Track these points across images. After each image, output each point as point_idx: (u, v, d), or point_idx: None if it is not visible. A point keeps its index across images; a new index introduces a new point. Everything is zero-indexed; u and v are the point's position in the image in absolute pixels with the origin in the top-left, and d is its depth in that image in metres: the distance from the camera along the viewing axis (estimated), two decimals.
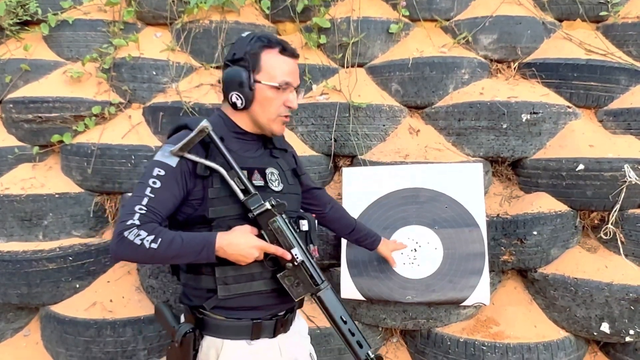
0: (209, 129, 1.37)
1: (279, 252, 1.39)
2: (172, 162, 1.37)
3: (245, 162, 1.46)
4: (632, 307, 2.20)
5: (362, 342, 1.44)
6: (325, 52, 2.86)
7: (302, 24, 2.87)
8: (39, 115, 2.61)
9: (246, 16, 2.85)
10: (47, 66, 2.77)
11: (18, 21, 2.81)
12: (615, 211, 2.36)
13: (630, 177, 2.27)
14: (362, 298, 2.30)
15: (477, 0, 2.89)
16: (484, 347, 2.26)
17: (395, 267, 2.20)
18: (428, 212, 2.30)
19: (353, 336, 1.44)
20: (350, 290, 2.30)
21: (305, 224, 1.52)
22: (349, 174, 2.45)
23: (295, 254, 1.40)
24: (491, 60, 2.81)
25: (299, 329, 1.63)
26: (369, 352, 1.43)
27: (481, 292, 2.22)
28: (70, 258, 2.46)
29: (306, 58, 2.76)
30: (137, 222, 1.29)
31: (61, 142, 2.63)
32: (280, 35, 2.97)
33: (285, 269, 1.41)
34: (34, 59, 2.77)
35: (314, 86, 2.75)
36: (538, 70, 2.68)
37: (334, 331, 1.48)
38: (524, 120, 2.50)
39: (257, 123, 1.49)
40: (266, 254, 1.40)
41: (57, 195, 2.55)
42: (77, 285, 2.51)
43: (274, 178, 1.52)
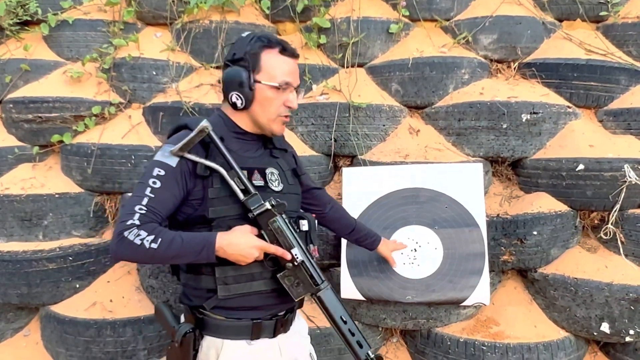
0: (209, 129, 1.37)
1: (278, 252, 1.39)
2: (172, 162, 1.37)
3: (245, 162, 1.46)
4: (632, 307, 2.20)
5: (362, 342, 1.44)
6: (325, 52, 2.86)
7: (302, 24, 2.87)
8: (39, 115, 2.61)
9: (246, 16, 2.85)
10: (47, 66, 2.77)
11: (18, 21, 2.81)
12: (615, 211, 2.36)
13: (630, 177, 2.27)
14: (362, 298, 2.30)
15: (477, 0, 2.89)
16: (484, 347, 2.26)
17: (396, 267, 2.20)
18: (428, 212, 2.30)
19: (353, 336, 1.44)
20: (350, 290, 2.30)
21: (305, 224, 1.52)
22: (349, 174, 2.45)
23: (295, 254, 1.40)
24: (491, 60, 2.81)
25: (299, 329, 1.63)
26: (368, 352, 1.43)
27: (481, 292, 2.22)
28: (70, 258, 2.46)
29: (306, 58, 2.76)
30: (137, 222, 1.29)
31: (61, 142, 2.63)
32: (280, 35, 2.97)
33: (285, 269, 1.41)
34: (34, 59, 2.77)
35: (314, 86, 2.75)
36: (538, 70, 2.68)
37: (334, 331, 1.48)
38: (524, 120, 2.50)
39: (257, 123, 1.49)
40: (266, 254, 1.40)
41: (57, 195, 2.55)
42: (77, 285, 2.51)
43: (274, 178, 1.52)
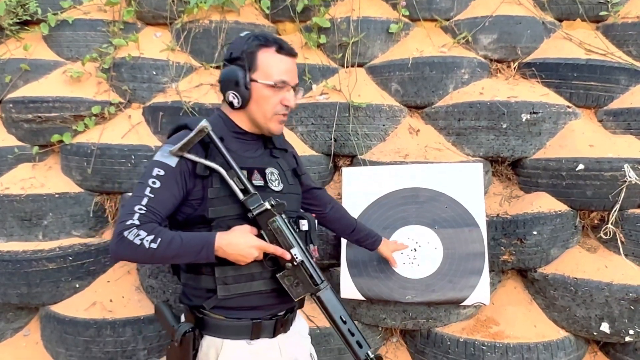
0: (208, 128, 1.37)
1: (278, 252, 1.39)
2: (172, 162, 1.37)
3: (245, 162, 1.46)
4: (632, 307, 2.20)
5: (361, 342, 1.44)
6: (325, 52, 2.86)
7: (302, 23, 2.87)
8: (39, 115, 2.61)
9: (246, 16, 2.85)
10: (46, 66, 2.77)
11: (18, 21, 2.80)
12: (615, 211, 2.36)
13: (630, 177, 2.27)
14: (362, 298, 2.30)
15: (477, 0, 2.89)
16: (484, 347, 2.26)
17: (396, 267, 2.20)
18: (428, 212, 2.30)
19: (353, 336, 1.44)
20: (350, 290, 2.30)
21: (305, 223, 1.52)
22: (348, 173, 2.45)
23: (295, 254, 1.40)
24: (491, 60, 2.81)
25: (299, 329, 1.63)
26: (368, 352, 1.43)
27: (481, 292, 2.22)
28: (70, 258, 2.46)
29: (306, 58, 2.76)
30: (136, 222, 1.29)
31: (61, 142, 2.63)
32: (280, 35, 2.97)
33: (284, 268, 1.41)
34: (33, 58, 2.77)
35: (314, 86, 2.75)
36: (538, 70, 2.68)
37: (334, 331, 1.48)
38: (523, 120, 2.50)
39: (255, 122, 1.49)
40: (266, 254, 1.40)
41: (57, 195, 2.55)
42: (77, 285, 2.51)
43: (273, 178, 1.52)
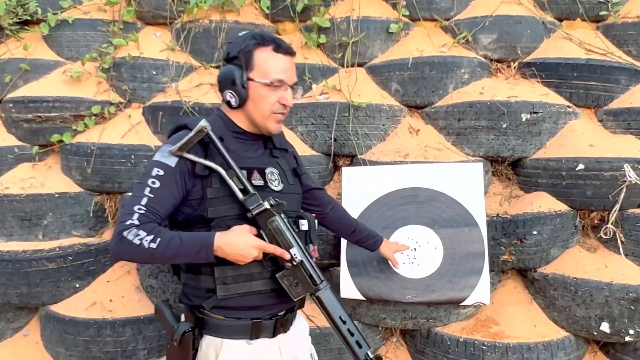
0: (207, 128, 1.37)
1: (277, 252, 1.39)
2: (171, 162, 1.37)
3: (245, 162, 1.46)
4: (632, 307, 2.20)
5: (361, 342, 1.44)
6: (325, 52, 2.86)
7: (301, 23, 2.87)
8: (39, 114, 2.61)
9: (246, 16, 2.85)
10: (46, 66, 2.77)
11: (18, 21, 2.80)
12: (615, 211, 2.36)
13: (630, 177, 2.27)
14: (362, 298, 2.30)
15: (476, 0, 2.89)
16: (484, 347, 2.26)
17: (398, 268, 2.19)
18: (428, 212, 2.30)
19: (352, 336, 1.44)
20: (350, 290, 2.30)
21: (304, 223, 1.52)
22: (348, 173, 2.45)
23: (294, 254, 1.40)
24: (491, 59, 2.81)
25: (299, 329, 1.63)
26: (368, 352, 1.43)
27: (481, 292, 2.22)
28: (70, 258, 2.46)
29: (306, 58, 2.76)
30: (136, 222, 1.29)
31: (61, 141, 2.63)
32: (280, 35, 2.97)
33: (284, 268, 1.41)
34: (33, 58, 2.77)
35: (314, 86, 2.75)
36: (538, 69, 2.68)
37: (334, 331, 1.47)
38: (523, 119, 2.50)
39: (253, 121, 1.49)
40: (265, 254, 1.40)
41: (56, 195, 2.55)
42: (77, 285, 2.51)
43: (273, 178, 1.51)
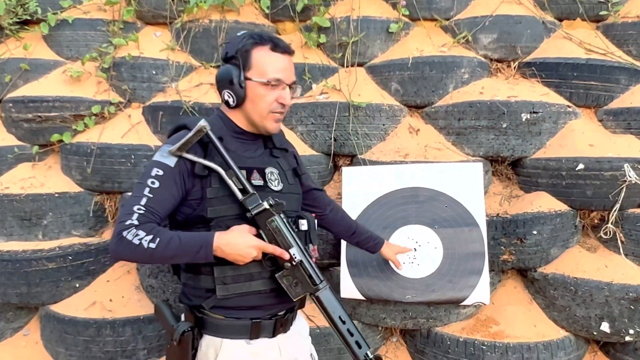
0: (206, 128, 1.37)
1: (277, 252, 1.39)
2: (171, 162, 1.37)
3: (245, 161, 1.46)
4: (632, 307, 2.20)
5: (360, 342, 1.44)
6: (325, 52, 2.86)
7: (301, 23, 2.87)
8: (39, 114, 2.61)
9: (246, 15, 2.84)
10: (46, 65, 2.77)
11: (18, 20, 2.80)
12: (615, 211, 2.36)
13: (630, 177, 2.27)
14: (362, 298, 2.30)
15: (476, 0, 2.88)
16: (484, 347, 2.26)
17: (401, 269, 2.17)
18: (428, 212, 2.29)
19: (352, 336, 1.44)
20: (350, 290, 2.30)
21: (304, 223, 1.51)
22: (348, 173, 2.45)
23: (293, 254, 1.40)
24: (491, 59, 2.81)
25: (299, 329, 1.63)
26: (367, 353, 1.43)
27: (481, 292, 2.22)
28: (70, 257, 2.47)
29: (306, 57, 2.75)
30: (135, 222, 1.29)
31: (61, 141, 2.63)
32: (280, 34, 2.97)
33: (283, 268, 1.41)
34: (33, 58, 2.76)
35: (314, 85, 2.75)
36: (538, 69, 2.68)
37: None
38: (523, 119, 2.50)
39: (251, 120, 1.49)
40: (265, 254, 1.40)
41: (56, 195, 2.55)
42: (77, 285, 2.52)
43: (273, 177, 1.51)
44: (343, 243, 2.32)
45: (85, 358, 2.36)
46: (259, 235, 1.39)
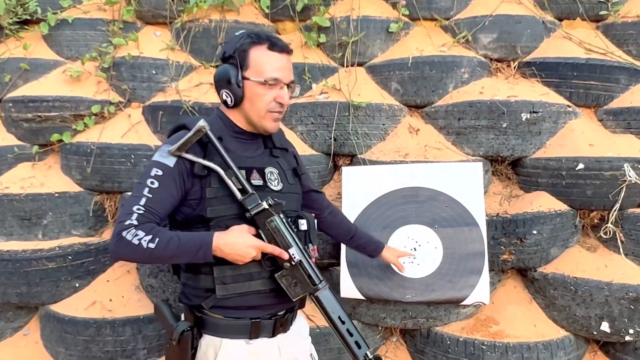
0: (206, 128, 1.37)
1: (276, 252, 1.39)
2: (170, 162, 1.37)
3: (244, 161, 1.46)
4: (631, 306, 2.20)
5: (360, 342, 1.44)
6: (325, 51, 2.86)
7: (301, 23, 2.87)
8: (39, 114, 2.61)
9: (246, 15, 2.84)
10: (46, 65, 2.77)
11: (17, 20, 2.80)
12: (615, 210, 2.36)
13: (630, 177, 2.27)
14: (362, 297, 2.30)
15: (476, 0, 2.88)
16: (484, 347, 2.26)
17: (404, 272, 2.14)
18: (428, 211, 2.29)
19: (351, 336, 1.44)
20: (349, 290, 2.30)
21: (304, 223, 1.51)
22: (348, 173, 2.45)
23: (293, 254, 1.40)
24: (491, 59, 2.81)
25: (299, 329, 1.63)
26: (367, 353, 1.43)
27: (481, 292, 2.22)
28: (70, 257, 2.47)
29: (306, 57, 2.75)
30: (135, 222, 1.29)
31: (61, 141, 2.63)
32: (279, 34, 2.97)
33: (283, 268, 1.41)
34: (33, 58, 2.77)
35: (314, 85, 2.75)
36: (538, 69, 2.68)
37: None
38: (523, 119, 2.50)
39: (249, 120, 1.49)
40: (264, 254, 1.40)
41: (56, 195, 2.55)
42: (77, 285, 2.52)
43: (273, 177, 1.51)
44: None
45: (85, 358, 2.36)
46: (258, 235, 1.39)
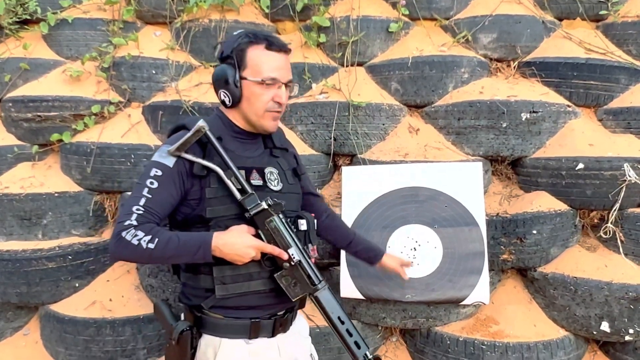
0: (205, 128, 1.37)
1: (275, 252, 1.39)
2: (169, 163, 1.37)
3: (244, 161, 1.46)
4: (631, 306, 2.20)
5: (359, 342, 1.44)
6: (325, 51, 2.86)
7: (301, 22, 2.87)
8: (39, 114, 2.61)
9: (246, 15, 2.84)
10: (46, 65, 2.77)
11: (17, 20, 2.80)
12: (615, 210, 2.36)
13: (630, 176, 2.27)
14: (362, 297, 2.30)
15: None
16: (484, 346, 2.26)
17: (407, 278, 2.04)
18: (428, 211, 2.29)
19: (351, 336, 1.44)
20: (349, 290, 2.30)
21: (303, 223, 1.51)
22: (348, 172, 2.45)
23: (292, 254, 1.40)
24: (491, 59, 2.81)
25: (299, 329, 1.63)
26: (366, 353, 1.43)
27: (481, 291, 2.22)
28: (70, 257, 2.47)
29: (306, 57, 2.75)
30: (134, 223, 1.30)
31: (60, 141, 2.63)
32: (279, 34, 2.97)
33: (282, 268, 1.41)
34: (33, 57, 2.76)
35: (314, 85, 2.75)
36: (538, 69, 2.68)
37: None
38: (523, 119, 2.50)
39: (248, 120, 1.49)
40: (263, 254, 1.40)
41: (56, 194, 2.55)
42: (77, 285, 2.52)
43: (273, 177, 1.51)
44: None
45: (85, 358, 2.36)
46: (257, 236, 1.39)
